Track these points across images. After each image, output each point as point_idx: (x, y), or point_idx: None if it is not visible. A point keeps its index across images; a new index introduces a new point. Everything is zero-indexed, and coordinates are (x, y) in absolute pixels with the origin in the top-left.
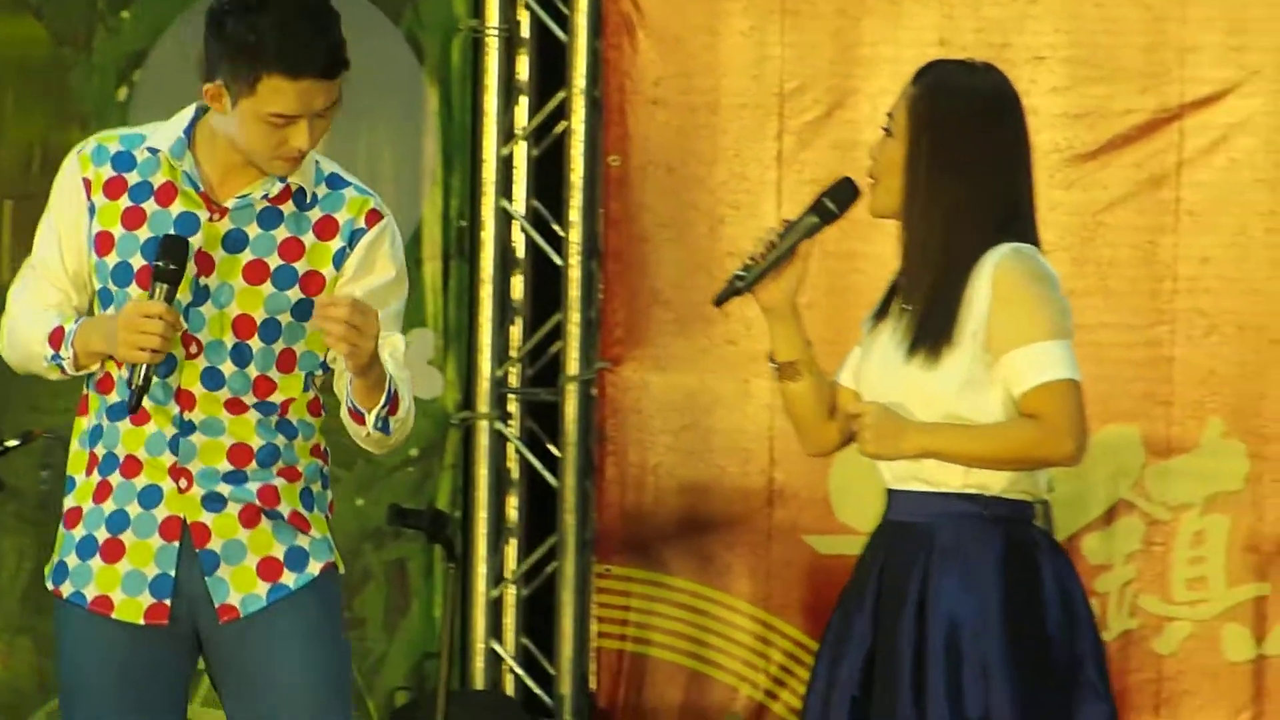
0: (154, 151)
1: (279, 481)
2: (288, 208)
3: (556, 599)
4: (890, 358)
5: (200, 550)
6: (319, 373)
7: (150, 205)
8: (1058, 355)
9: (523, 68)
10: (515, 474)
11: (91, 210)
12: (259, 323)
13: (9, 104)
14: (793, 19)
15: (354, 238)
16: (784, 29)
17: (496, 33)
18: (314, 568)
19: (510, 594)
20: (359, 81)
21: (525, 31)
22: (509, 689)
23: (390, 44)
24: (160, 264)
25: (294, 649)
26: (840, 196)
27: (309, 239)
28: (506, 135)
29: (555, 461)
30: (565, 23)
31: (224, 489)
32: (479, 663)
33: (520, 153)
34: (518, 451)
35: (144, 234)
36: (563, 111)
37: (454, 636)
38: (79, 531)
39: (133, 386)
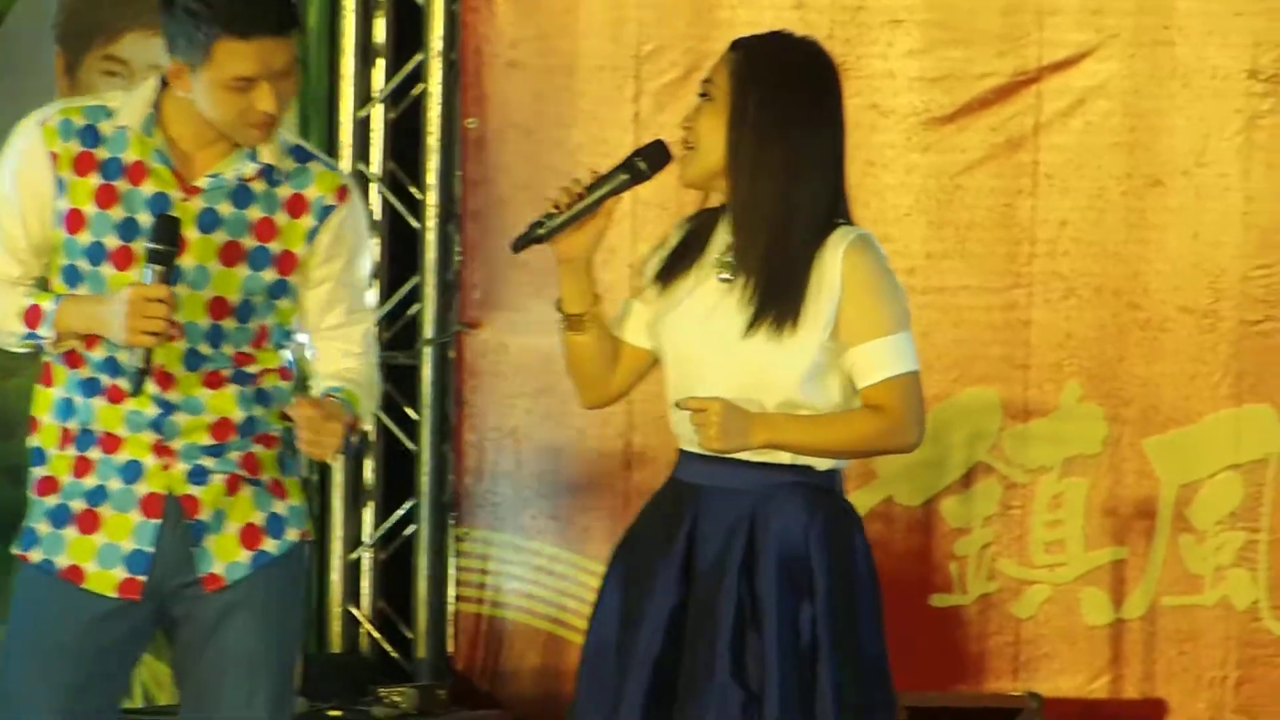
0: (123, 128)
1: (258, 449)
2: (258, 185)
3: (414, 562)
4: (721, 329)
5: (189, 521)
6: (288, 341)
7: (122, 184)
8: (902, 348)
9: (380, 30)
10: (372, 437)
11: (60, 185)
12: (234, 305)
13: None
14: None
15: (324, 214)
16: None
17: None
18: (292, 534)
19: (367, 557)
20: None
21: None
22: (366, 652)
23: None
24: (155, 245)
25: (266, 620)
26: (652, 157)
27: (281, 218)
28: (363, 98)
29: (413, 425)
30: None
31: (208, 461)
32: (336, 626)
33: (377, 115)
34: (375, 414)
35: (118, 213)
36: (419, 74)
37: (312, 599)
38: (53, 500)
39: (138, 369)
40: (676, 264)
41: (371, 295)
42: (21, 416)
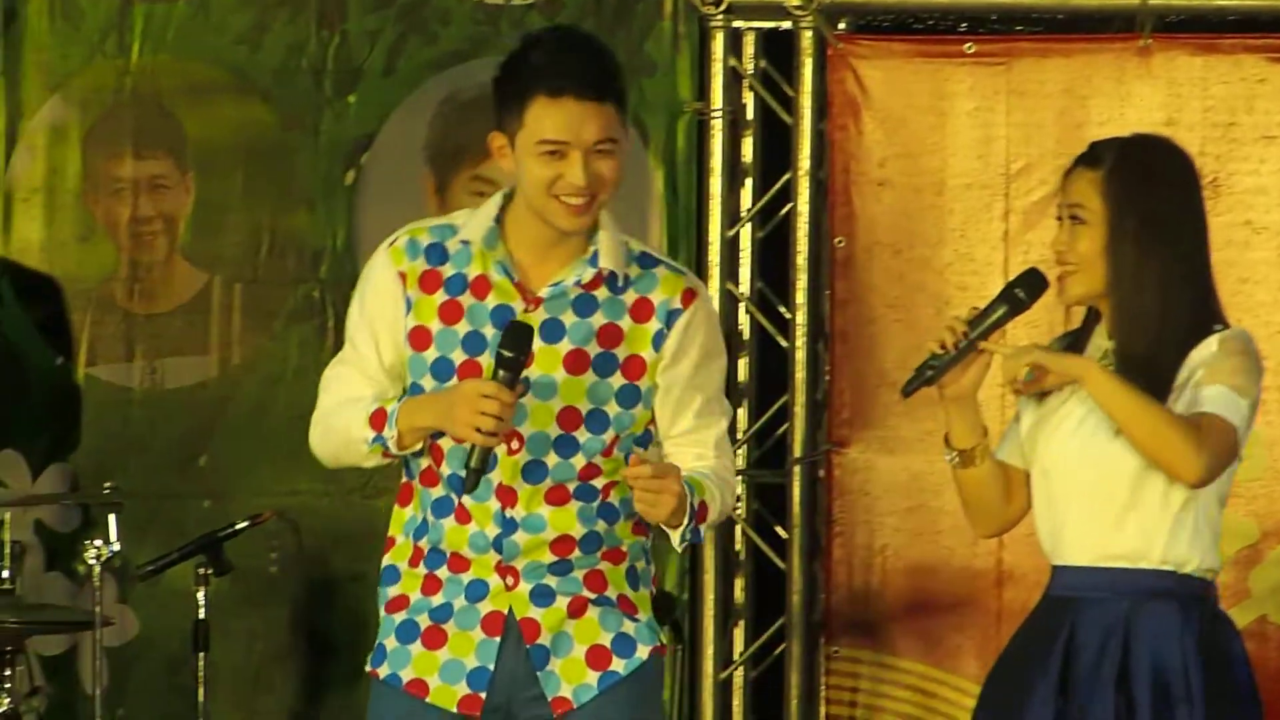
0: (466, 243)
1: (604, 565)
2: (601, 293)
3: (785, 681)
4: (1092, 432)
5: (531, 646)
6: (639, 450)
7: (466, 298)
8: (1240, 406)
9: (748, 149)
10: (742, 556)
11: (408, 304)
12: (585, 414)
13: (237, 187)
14: (1018, 99)
15: (670, 319)
16: (1010, 109)
17: (721, 115)
18: (642, 652)
19: (739, 676)
20: None
21: (750, 114)
22: None
23: None
24: (501, 351)
25: None
26: (1030, 285)
27: (626, 323)
28: (732, 217)
29: (782, 543)
30: (790, 104)
31: (551, 581)
32: None
33: (745, 234)
34: (745, 533)
35: (462, 328)
36: (788, 193)
37: (683, 718)
38: (400, 617)
39: (469, 467)
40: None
41: (726, 402)
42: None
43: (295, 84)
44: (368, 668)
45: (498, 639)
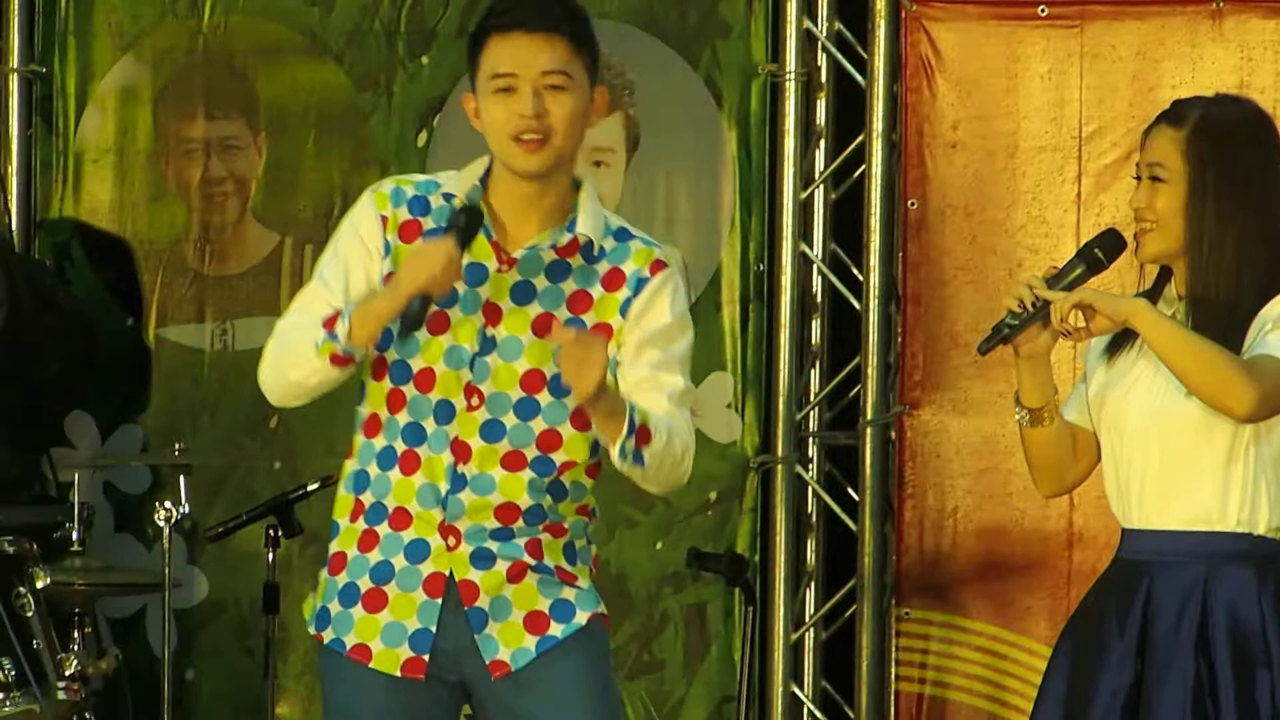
0: (449, 198)
1: (544, 536)
2: (575, 261)
3: (856, 642)
4: (1163, 390)
5: (469, 608)
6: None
7: None
8: None
9: (821, 112)
10: (814, 517)
11: (386, 248)
12: (549, 377)
13: (309, 148)
14: (1091, 61)
15: (639, 286)
16: (1083, 72)
17: (794, 77)
18: (581, 617)
19: (810, 637)
20: (657, 124)
21: (823, 76)
22: None
23: (689, 87)
24: (459, 224)
25: (563, 699)
26: (1108, 246)
27: (597, 291)
28: (805, 179)
29: (854, 505)
30: (863, 66)
31: (492, 545)
32: (778, 706)
33: (818, 197)
34: (816, 495)
35: None
36: (861, 155)
37: (753, 680)
38: (342, 579)
39: (404, 317)
40: (1119, 342)
41: (682, 374)
42: None
43: (368, 45)
44: (310, 628)
45: (439, 600)
